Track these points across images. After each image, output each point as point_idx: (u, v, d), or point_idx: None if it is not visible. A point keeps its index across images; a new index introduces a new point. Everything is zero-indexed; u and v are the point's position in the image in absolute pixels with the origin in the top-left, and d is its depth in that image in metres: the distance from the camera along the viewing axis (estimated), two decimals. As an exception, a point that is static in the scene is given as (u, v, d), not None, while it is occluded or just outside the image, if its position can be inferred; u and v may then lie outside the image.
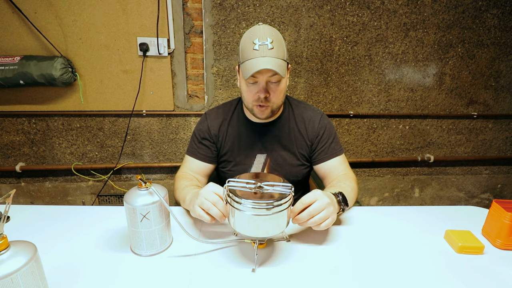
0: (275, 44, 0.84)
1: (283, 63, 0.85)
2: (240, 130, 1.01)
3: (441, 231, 0.82)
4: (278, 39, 0.86)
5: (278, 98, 0.91)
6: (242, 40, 0.88)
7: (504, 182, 2.27)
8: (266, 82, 0.87)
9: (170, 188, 1.98)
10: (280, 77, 0.86)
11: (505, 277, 0.67)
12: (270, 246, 0.75)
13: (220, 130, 1.02)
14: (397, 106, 1.96)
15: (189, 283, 0.62)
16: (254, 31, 0.85)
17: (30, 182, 1.92)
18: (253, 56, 0.83)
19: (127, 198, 0.66)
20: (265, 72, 0.84)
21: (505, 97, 2.00)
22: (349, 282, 0.64)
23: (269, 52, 0.83)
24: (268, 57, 0.82)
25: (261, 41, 0.83)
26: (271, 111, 0.92)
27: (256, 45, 0.83)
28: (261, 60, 0.82)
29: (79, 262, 0.68)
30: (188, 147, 1.05)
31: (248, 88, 0.89)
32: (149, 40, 1.63)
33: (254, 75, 0.84)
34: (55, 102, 1.72)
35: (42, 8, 1.54)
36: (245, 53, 0.85)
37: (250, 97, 0.90)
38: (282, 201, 0.62)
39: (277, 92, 0.89)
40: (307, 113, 1.03)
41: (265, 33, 0.84)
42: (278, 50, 0.84)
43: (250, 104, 0.92)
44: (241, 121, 1.02)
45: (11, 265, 0.47)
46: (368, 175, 2.14)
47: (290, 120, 1.02)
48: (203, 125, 1.03)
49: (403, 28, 1.78)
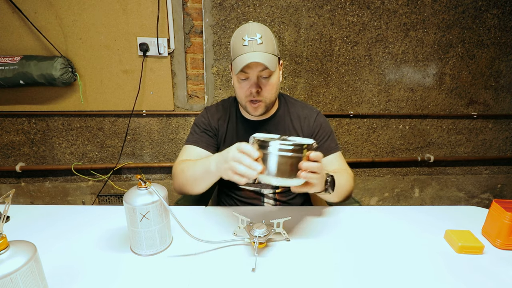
0: (264, 39, 0.85)
1: (273, 57, 0.86)
2: (237, 128, 1.02)
3: (441, 231, 0.82)
4: (267, 35, 0.87)
5: (270, 93, 0.91)
6: (232, 38, 0.90)
7: (504, 182, 2.27)
8: (257, 77, 0.88)
9: (170, 188, 1.98)
10: (271, 71, 0.87)
11: (505, 277, 0.67)
12: (270, 246, 0.75)
13: (220, 126, 1.02)
14: (397, 106, 1.96)
15: (189, 283, 0.62)
16: (244, 28, 0.87)
17: (30, 182, 1.92)
18: (243, 52, 0.84)
19: (126, 198, 0.66)
20: (255, 66, 0.85)
21: (505, 97, 2.00)
22: (349, 282, 0.64)
23: (258, 47, 0.84)
24: (257, 51, 0.84)
25: (250, 37, 0.84)
26: (265, 107, 0.93)
27: (246, 41, 0.84)
28: (250, 54, 0.83)
29: (79, 262, 0.68)
30: (188, 138, 1.01)
31: (240, 84, 0.90)
32: (149, 40, 1.63)
33: (244, 70, 0.85)
34: (55, 102, 1.72)
35: (42, 8, 1.54)
36: (235, 50, 0.87)
37: (242, 93, 0.91)
38: (304, 141, 0.67)
39: (268, 86, 0.90)
40: (303, 111, 1.03)
41: (254, 29, 0.85)
42: (268, 45, 0.85)
43: (243, 100, 0.93)
44: (239, 119, 1.03)
45: (11, 265, 0.47)
46: (368, 175, 2.13)
47: (286, 118, 1.02)
48: (204, 118, 1.03)
49: (403, 28, 1.78)
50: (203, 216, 0.89)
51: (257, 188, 1.03)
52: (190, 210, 0.92)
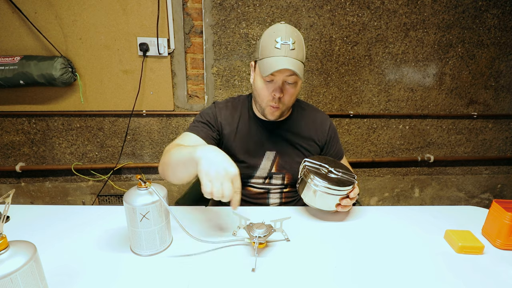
0: (297, 45, 0.84)
1: (302, 65, 0.86)
2: (250, 127, 1.01)
3: (441, 231, 0.82)
4: (300, 41, 0.86)
5: (291, 99, 0.92)
6: (263, 36, 0.88)
7: (504, 182, 2.27)
8: (283, 82, 0.87)
9: (170, 188, 1.98)
10: (297, 78, 0.86)
11: (505, 277, 0.67)
12: (270, 246, 0.75)
13: (227, 123, 1.00)
14: (397, 106, 1.96)
15: (189, 283, 0.62)
16: (278, 29, 0.85)
17: (30, 182, 1.92)
18: (274, 54, 0.83)
19: (126, 198, 0.66)
20: (285, 72, 0.84)
21: (505, 97, 2.00)
22: (349, 282, 0.64)
23: (290, 53, 0.83)
24: (289, 57, 0.83)
25: (284, 41, 0.83)
26: (281, 112, 0.93)
27: (278, 43, 0.83)
28: (282, 59, 0.82)
29: (79, 262, 0.68)
30: (189, 126, 0.99)
31: (265, 85, 0.89)
32: (149, 40, 1.63)
33: (274, 73, 0.84)
34: (55, 102, 1.72)
35: (42, 8, 1.54)
36: (266, 50, 0.85)
37: (265, 96, 0.90)
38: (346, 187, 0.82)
39: (291, 93, 0.89)
40: (317, 115, 1.06)
41: (288, 33, 0.84)
42: (299, 51, 0.85)
43: (264, 103, 0.92)
44: (252, 119, 1.02)
45: (11, 265, 0.47)
46: (368, 175, 2.13)
47: (300, 120, 1.03)
48: (211, 110, 1.00)
49: (403, 28, 1.78)
50: (203, 216, 0.89)
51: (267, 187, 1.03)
52: (190, 210, 0.92)
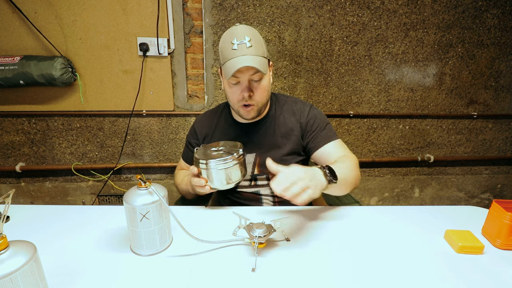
0: (254, 42, 0.84)
1: (263, 60, 0.86)
2: (229, 132, 1.03)
3: (441, 231, 0.81)
4: (256, 37, 0.86)
5: (262, 96, 0.91)
6: (220, 42, 0.89)
7: (504, 182, 2.27)
8: (249, 81, 0.87)
9: (170, 188, 1.98)
10: (262, 74, 0.86)
11: (505, 277, 0.67)
12: (270, 246, 0.75)
13: (206, 134, 1.06)
14: (397, 106, 1.96)
15: (189, 283, 0.62)
16: (232, 32, 0.86)
17: (30, 182, 1.92)
18: (233, 56, 0.83)
19: (126, 197, 0.66)
20: (246, 70, 0.84)
21: (505, 97, 2.00)
22: (349, 282, 0.64)
23: (248, 50, 0.83)
24: (247, 55, 0.83)
25: (239, 40, 0.83)
26: (257, 110, 0.93)
27: (235, 44, 0.83)
28: (241, 58, 0.82)
29: (79, 262, 0.68)
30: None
31: (231, 89, 0.90)
32: (149, 40, 1.63)
33: (236, 75, 0.85)
34: (55, 102, 1.72)
35: (42, 8, 1.54)
36: (225, 54, 0.86)
37: (234, 98, 0.91)
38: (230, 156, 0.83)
39: (260, 90, 0.89)
40: (296, 106, 1.03)
41: (243, 32, 0.84)
42: (257, 47, 0.85)
43: (235, 105, 0.93)
44: (229, 123, 1.03)
45: (11, 265, 0.47)
46: (368, 175, 2.13)
47: (279, 117, 1.02)
48: (191, 131, 1.10)
49: (403, 28, 1.78)
50: (203, 216, 0.89)
51: (255, 189, 1.03)
52: (190, 210, 0.92)
